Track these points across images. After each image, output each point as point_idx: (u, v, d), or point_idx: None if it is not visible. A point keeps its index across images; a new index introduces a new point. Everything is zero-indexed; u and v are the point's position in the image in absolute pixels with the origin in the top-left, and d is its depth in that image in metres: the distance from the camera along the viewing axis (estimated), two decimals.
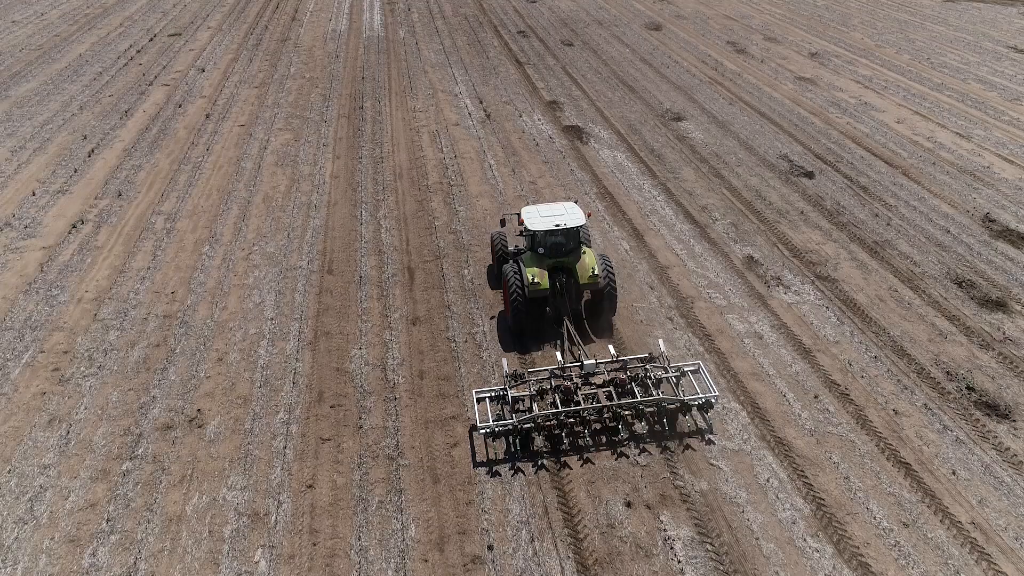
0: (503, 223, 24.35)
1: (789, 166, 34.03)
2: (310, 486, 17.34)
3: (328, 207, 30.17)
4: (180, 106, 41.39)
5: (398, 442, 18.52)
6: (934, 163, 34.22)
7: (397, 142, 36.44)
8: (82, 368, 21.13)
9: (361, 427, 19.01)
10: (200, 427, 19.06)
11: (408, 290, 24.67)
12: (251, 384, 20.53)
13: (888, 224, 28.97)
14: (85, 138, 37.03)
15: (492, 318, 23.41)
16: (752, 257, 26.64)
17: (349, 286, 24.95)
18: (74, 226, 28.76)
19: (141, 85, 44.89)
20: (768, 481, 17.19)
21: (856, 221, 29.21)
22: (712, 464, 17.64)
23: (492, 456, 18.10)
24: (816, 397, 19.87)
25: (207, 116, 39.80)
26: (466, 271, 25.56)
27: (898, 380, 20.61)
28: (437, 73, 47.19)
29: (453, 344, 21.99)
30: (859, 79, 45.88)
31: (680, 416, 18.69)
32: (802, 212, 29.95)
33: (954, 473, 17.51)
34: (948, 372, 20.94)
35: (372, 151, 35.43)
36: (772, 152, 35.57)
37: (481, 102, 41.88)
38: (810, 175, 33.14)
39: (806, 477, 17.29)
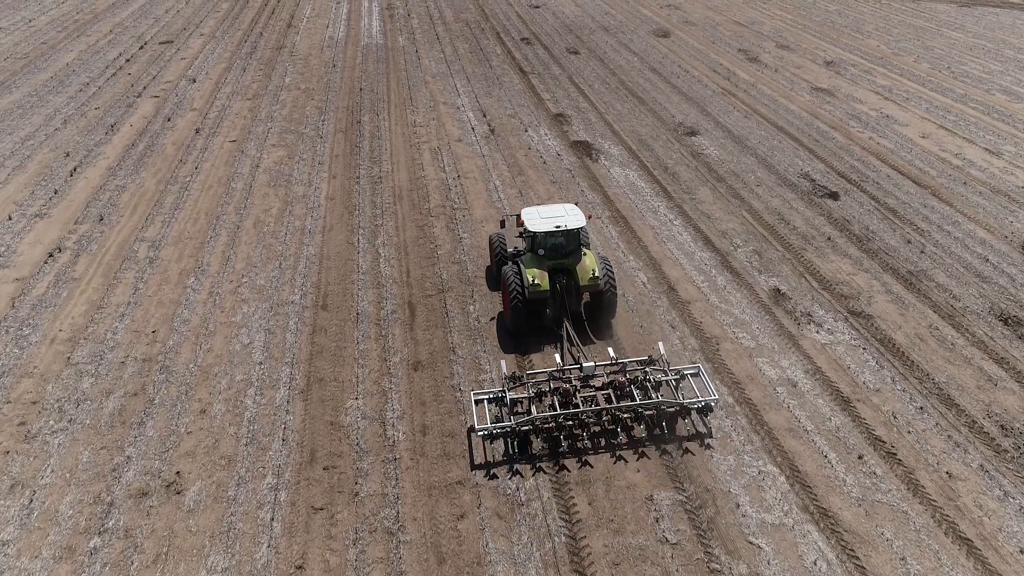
0: (503, 224, 23.82)
1: (812, 186, 32.14)
2: (300, 567, 15.43)
3: (323, 233, 28.26)
4: (169, 120, 39.46)
5: (398, 513, 16.61)
6: (965, 183, 32.34)
7: (397, 160, 34.52)
8: (51, 422, 19.21)
9: (357, 494, 17.10)
10: (179, 493, 17.14)
11: (409, 329, 22.76)
12: (236, 441, 18.62)
13: (922, 252, 27.08)
14: (68, 155, 35.11)
15: (491, 319, 23.12)
16: (779, 290, 24.75)
17: (345, 324, 23.04)
18: (51, 255, 26.83)
19: (129, 97, 42.96)
20: (815, 564, 15.29)
21: (887, 248, 27.32)
22: (751, 542, 15.74)
23: (490, 459, 17.91)
24: (860, 457, 17.97)
25: (197, 131, 37.88)
26: (472, 307, 23.65)
27: (948, 436, 18.72)
28: (438, 84, 45.28)
29: (458, 394, 20.08)
30: (878, 90, 44.00)
31: (679, 419, 18.72)
32: (829, 238, 28.06)
33: (1023, 552, 15.61)
34: (1003, 426, 19.05)
35: (370, 170, 33.52)
36: (793, 170, 33.68)
37: (485, 115, 39.97)
38: (835, 196, 31.25)
39: (857, 558, 15.40)
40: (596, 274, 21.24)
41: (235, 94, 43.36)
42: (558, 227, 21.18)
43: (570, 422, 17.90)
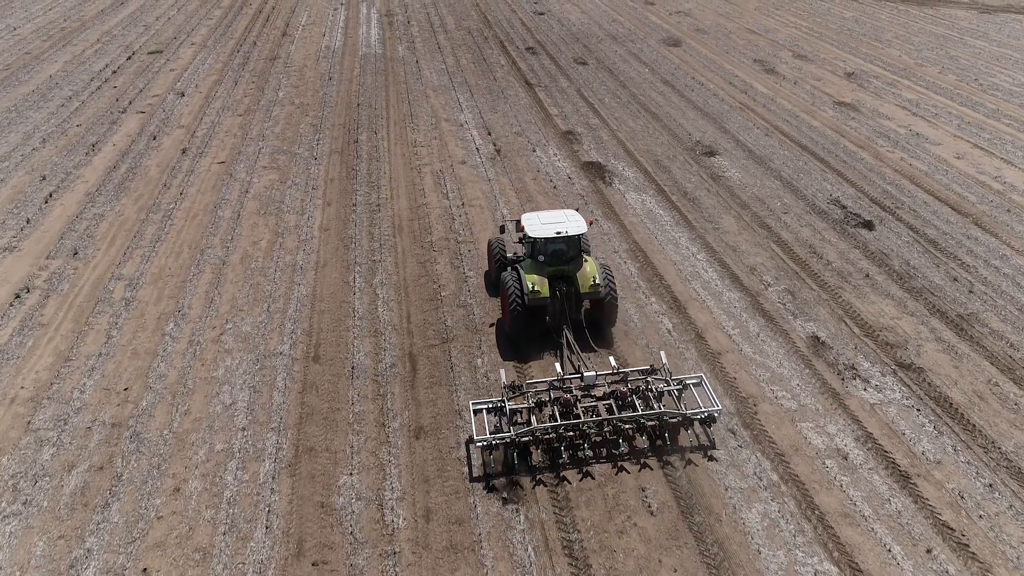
0: (502, 230, 23.95)
1: (843, 214, 29.83)
2: None
3: (316, 269, 25.94)
4: (155, 138, 37.13)
5: None
6: (1008, 210, 30.04)
7: (396, 185, 32.18)
8: (3, 504, 16.87)
9: None
10: None
11: (410, 387, 20.43)
12: (213, 528, 16.30)
13: (970, 291, 24.78)
14: (44, 179, 32.77)
15: (491, 325, 22.80)
16: (817, 337, 22.45)
17: (339, 380, 20.72)
18: (17, 295, 24.51)
19: (113, 112, 40.63)
20: None
21: (932, 287, 25.02)
22: None
23: (489, 470, 17.52)
24: (929, 551, 15.66)
25: (183, 151, 35.54)
26: (479, 360, 21.32)
27: None
28: (440, 98, 42.94)
29: (466, 468, 17.76)
30: (904, 104, 41.69)
31: (682, 430, 18.40)
32: (867, 275, 25.75)
33: None
34: None
35: (368, 196, 31.18)
36: (822, 196, 31.36)
37: (490, 133, 37.65)
38: (869, 225, 28.94)
39: None
40: (597, 281, 20.96)
41: (225, 109, 41.04)
42: (559, 233, 20.89)
43: (571, 433, 17.61)
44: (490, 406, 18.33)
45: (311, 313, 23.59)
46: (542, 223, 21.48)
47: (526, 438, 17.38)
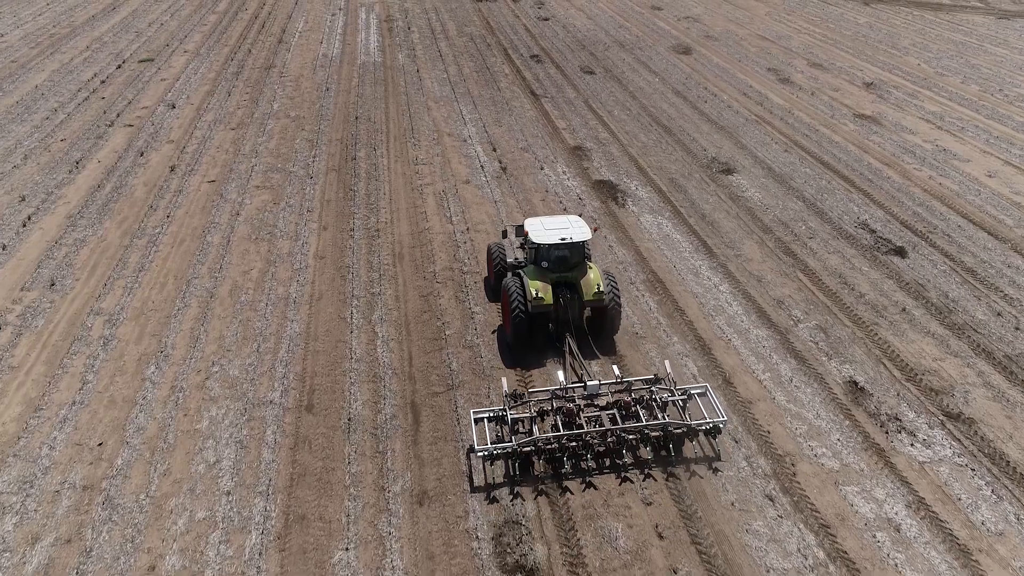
0: (504, 235, 23.66)
1: (873, 239, 28.01)
2: None
3: (311, 303, 24.09)
4: (142, 154, 35.27)
5: None
6: None
7: (397, 207, 30.33)
8: None
9: None
10: None
11: (412, 442, 18.59)
12: None
13: (1017, 328, 22.98)
14: (23, 199, 30.92)
15: (493, 332, 22.41)
16: (856, 382, 20.62)
17: (334, 434, 18.88)
18: None
19: (100, 125, 38.78)
20: None
21: (974, 323, 23.21)
22: None
23: (490, 480, 17.25)
24: None
25: (172, 169, 33.67)
26: None
27: None
28: (442, 110, 41.09)
29: (476, 542, 15.93)
30: (928, 117, 39.88)
31: (687, 441, 17.97)
32: (903, 309, 23.94)
33: None
34: None
35: (366, 220, 29.32)
36: (848, 218, 29.53)
37: (495, 149, 35.80)
38: (901, 252, 27.12)
39: None
40: (601, 288, 20.63)
41: (217, 122, 39.18)
42: (563, 239, 20.55)
43: (574, 443, 17.26)
44: (491, 415, 18.07)
45: (305, 354, 21.74)
46: (546, 228, 21.11)
47: (528, 448, 17.03)
